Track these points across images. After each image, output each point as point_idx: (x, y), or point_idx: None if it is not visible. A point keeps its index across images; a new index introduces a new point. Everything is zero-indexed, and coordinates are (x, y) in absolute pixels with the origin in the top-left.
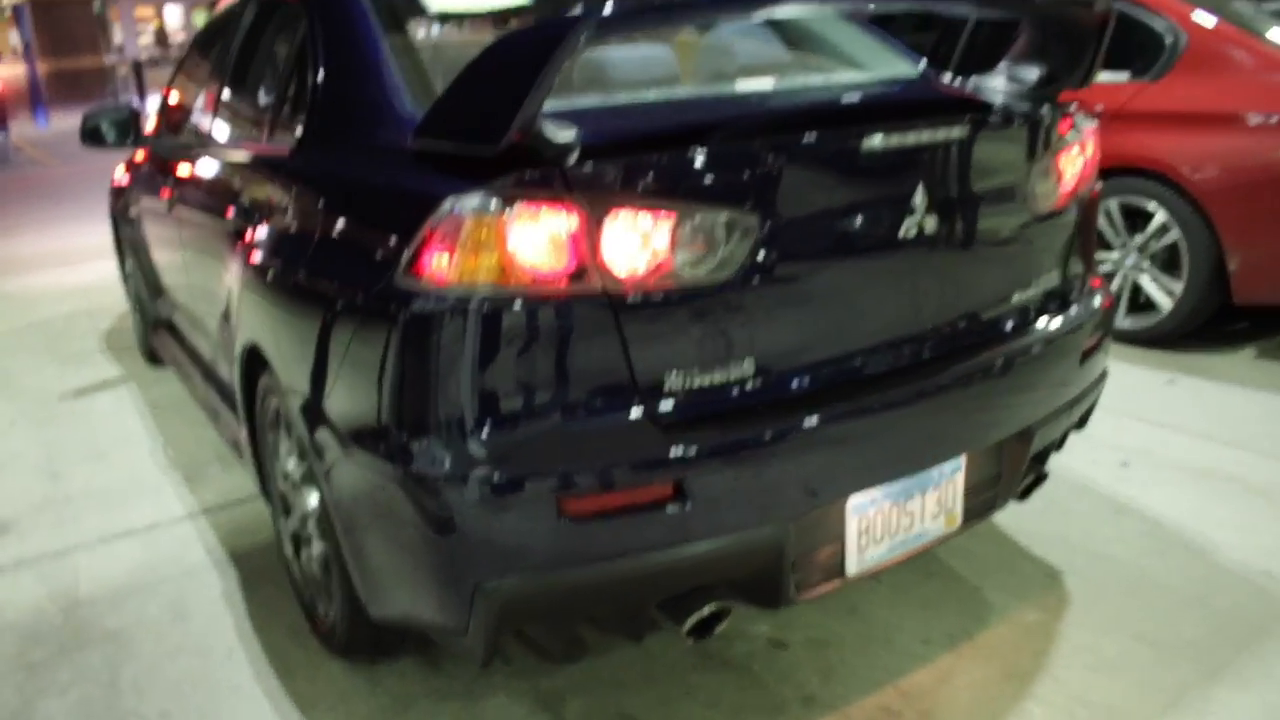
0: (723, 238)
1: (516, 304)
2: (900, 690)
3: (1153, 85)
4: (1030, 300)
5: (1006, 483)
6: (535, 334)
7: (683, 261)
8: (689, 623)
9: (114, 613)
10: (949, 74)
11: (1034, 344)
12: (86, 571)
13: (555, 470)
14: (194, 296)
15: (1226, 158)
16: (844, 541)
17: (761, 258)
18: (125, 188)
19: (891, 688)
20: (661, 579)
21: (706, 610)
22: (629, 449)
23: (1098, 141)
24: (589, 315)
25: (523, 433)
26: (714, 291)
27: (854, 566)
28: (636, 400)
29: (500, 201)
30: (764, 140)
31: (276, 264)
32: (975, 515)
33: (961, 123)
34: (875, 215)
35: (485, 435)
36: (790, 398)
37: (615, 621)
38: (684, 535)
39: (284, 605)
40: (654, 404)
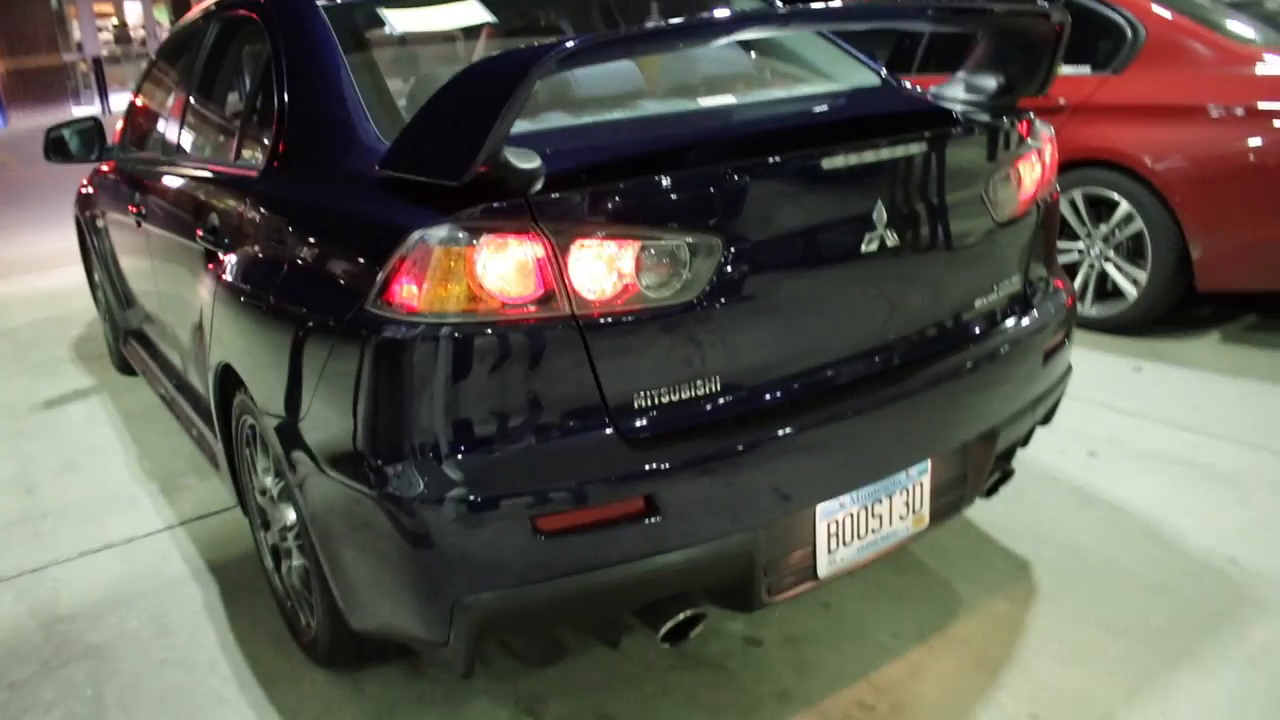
0: (687, 259)
1: (486, 330)
2: (873, 684)
3: (1114, 78)
4: (992, 305)
5: (973, 482)
6: (505, 358)
7: (648, 284)
8: (664, 628)
9: (95, 628)
10: (908, 82)
11: (996, 348)
12: (66, 587)
13: (529, 489)
14: (165, 310)
15: (1187, 149)
16: (814, 545)
17: (726, 277)
18: (92, 196)
19: (865, 682)
20: (636, 589)
21: (681, 616)
22: (600, 466)
23: (1055, 147)
24: (557, 339)
25: (496, 454)
26: (680, 311)
27: (825, 569)
28: (606, 419)
29: (467, 233)
30: (726, 164)
31: (248, 288)
32: (943, 515)
33: (921, 135)
34: (837, 231)
35: (459, 457)
36: (757, 411)
37: (592, 629)
38: (656, 546)
39: (265, 615)
40: (623, 422)
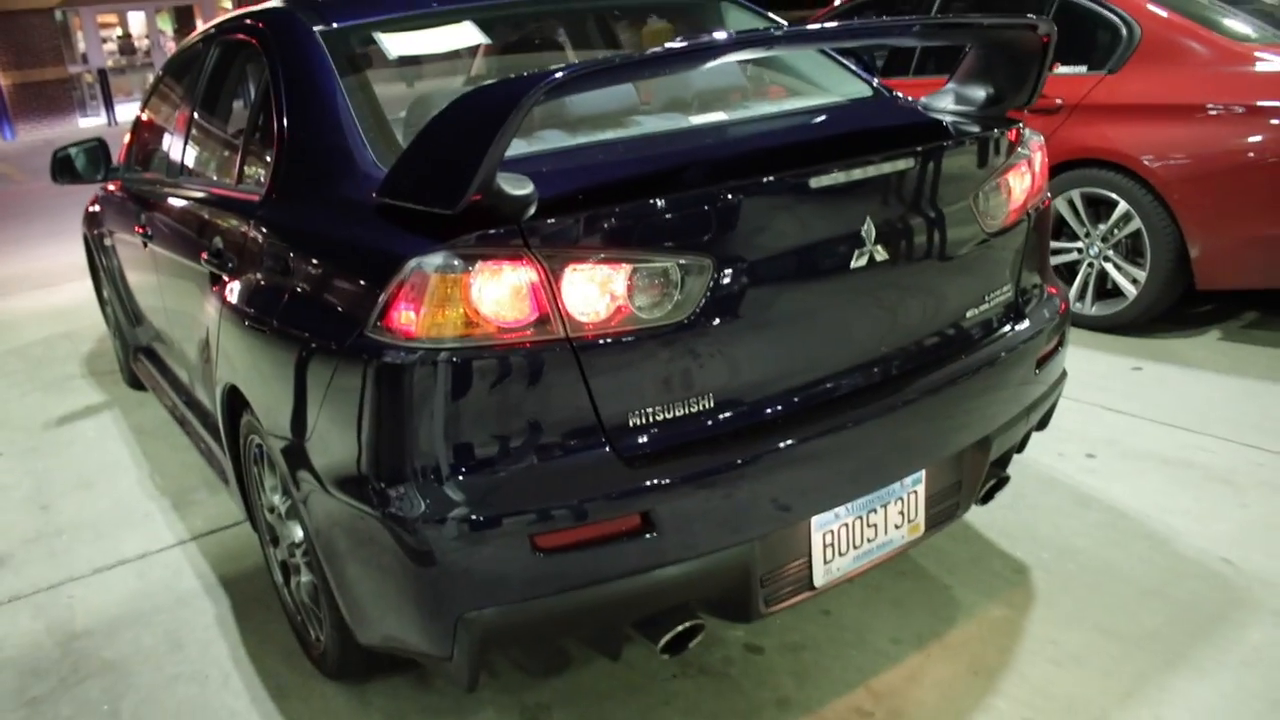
0: (679, 280)
1: (482, 354)
2: (872, 690)
3: (1110, 77)
4: (984, 315)
5: (967, 490)
6: (502, 381)
7: (641, 305)
8: (663, 640)
9: (111, 644)
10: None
11: (988, 358)
12: (82, 603)
13: (528, 508)
14: (173, 328)
15: (1184, 148)
16: (810, 555)
17: (717, 296)
18: (99, 214)
19: (863, 688)
20: (634, 602)
21: (679, 628)
22: (597, 485)
23: (1045, 155)
24: (552, 361)
25: (495, 474)
26: (672, 331)
27: (821, 578)
28: (602, 438)
29: (462, 260)
30: (716, 185)
31: (252, 312)
32: (939, 522)
33: (909, 150)
34: (827, 247)
35: (459, 478)
36: (752, 426)
37: (593, 641)
38: (653, 561)
39: (276, 629)
40: (619, 440)
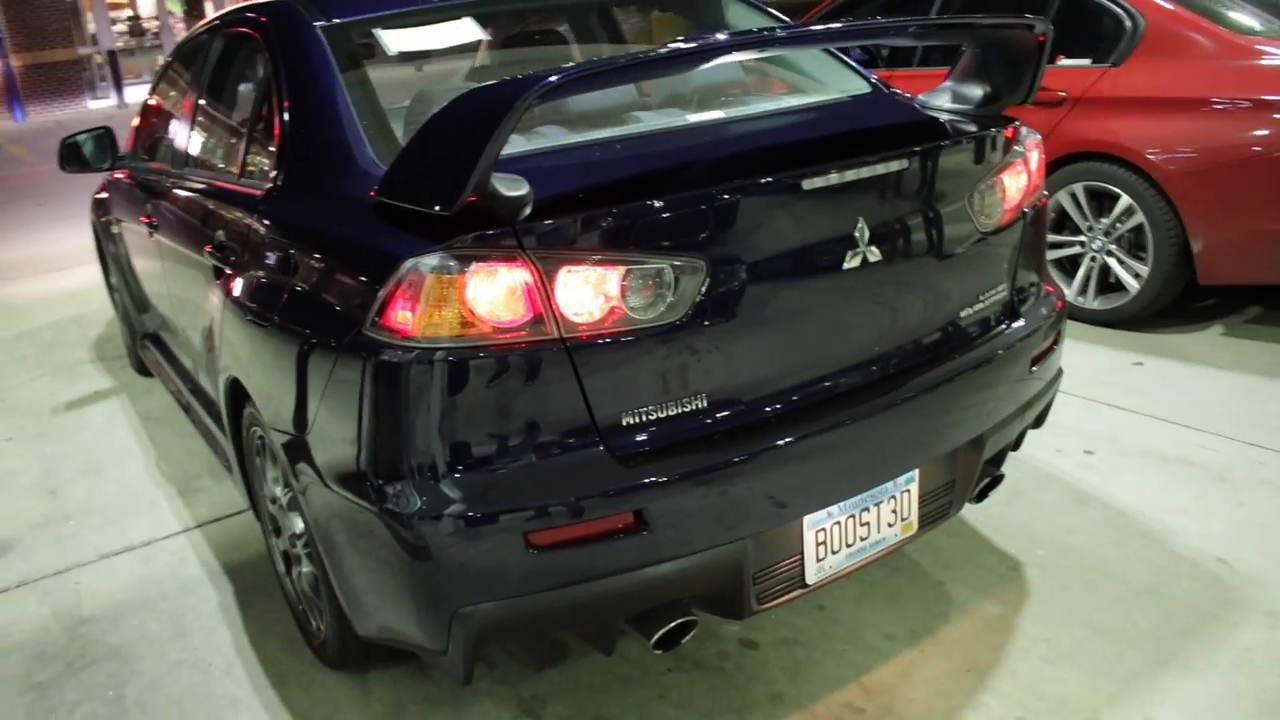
0: (672, 281)
1: (477, 354)
2: (864, 686)
3: (1113, 70)
4: (978, 314)
5: (961, 488)
6: (496, 380)
7: (634, 306)
8: (656, 635)
9: (116, 630)
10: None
11: (982, 357)
12: (88, 589)
13: (522, 506)
14: (178, 316)
15: (1187, 142)
16: (803, 553)
17: (711, 296)
18: (106, 202)
19: (856, 684)
20: (627, 599)
21: (672, 624)
22: (590, 483)
23: (1042, 153)
24: (547, 361)
25: (489, 472)
26: (666, 331)
27: (814, 576)
28: (595, 437)
29: (457, 261)
30: (710, 187)
31: (254, 307)
32: (931, 520)
33: (905, 150)
34: (821, 248)
35: (454, 475)
36: (745, 426)
37: (587, 636)
38: (645, 559)
39: (278, 618)
40: (613, 439)
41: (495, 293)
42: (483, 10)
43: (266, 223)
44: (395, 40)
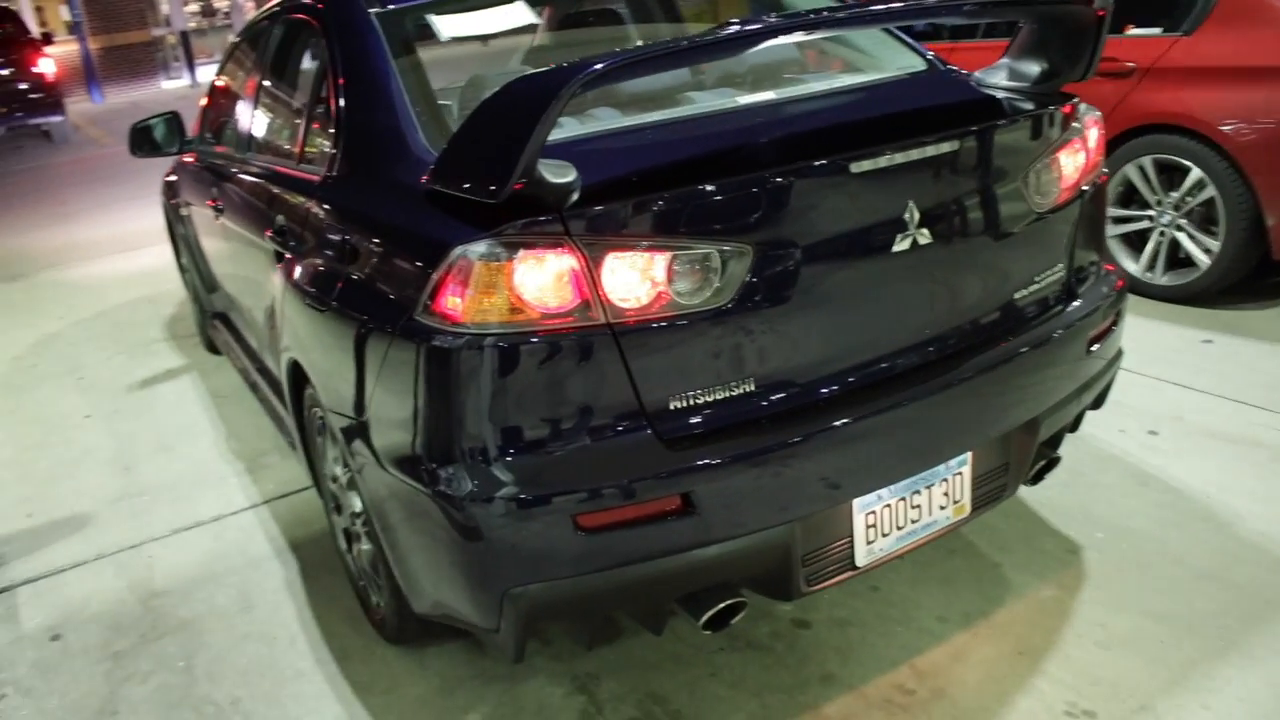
0: (719, 266)
1: (526, 340)
2: (915, 668)
3: (1185, 39)
4: (1033, 296)
5: (1015, 471)
6: (544, 366)
7: (680, 291)
8: (705, 616)
9: (186, 603)
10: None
11: (1036, 339)
12: (161, 562)
13: (570, 488)
14: (244, 297)
15: (1262, 113)
16: (852, 536)
17: (758, 280)
18: (175, 184)
19: (907, 666)
20: (674, 580)
21: (721, 605)
22: (637, 466)
23: (1102, 131)
24: (594, 346)
25: (538, 455)
26: (712, 316)
27: (864, 558)
28: (643, 420)
29: (505, 248)
30: (759, 172)
31: (312, 291)
32: (985, 503)
33: (959, 128)
34: (870, 231)
35: (504, 459)
36: (792, 410)
37: (637, 616)
38: (692, 541)
39: (341, 593)
40: (660, 423)
41: (543, 279)
42: None
43: (323, 208)
44: (449, 25)
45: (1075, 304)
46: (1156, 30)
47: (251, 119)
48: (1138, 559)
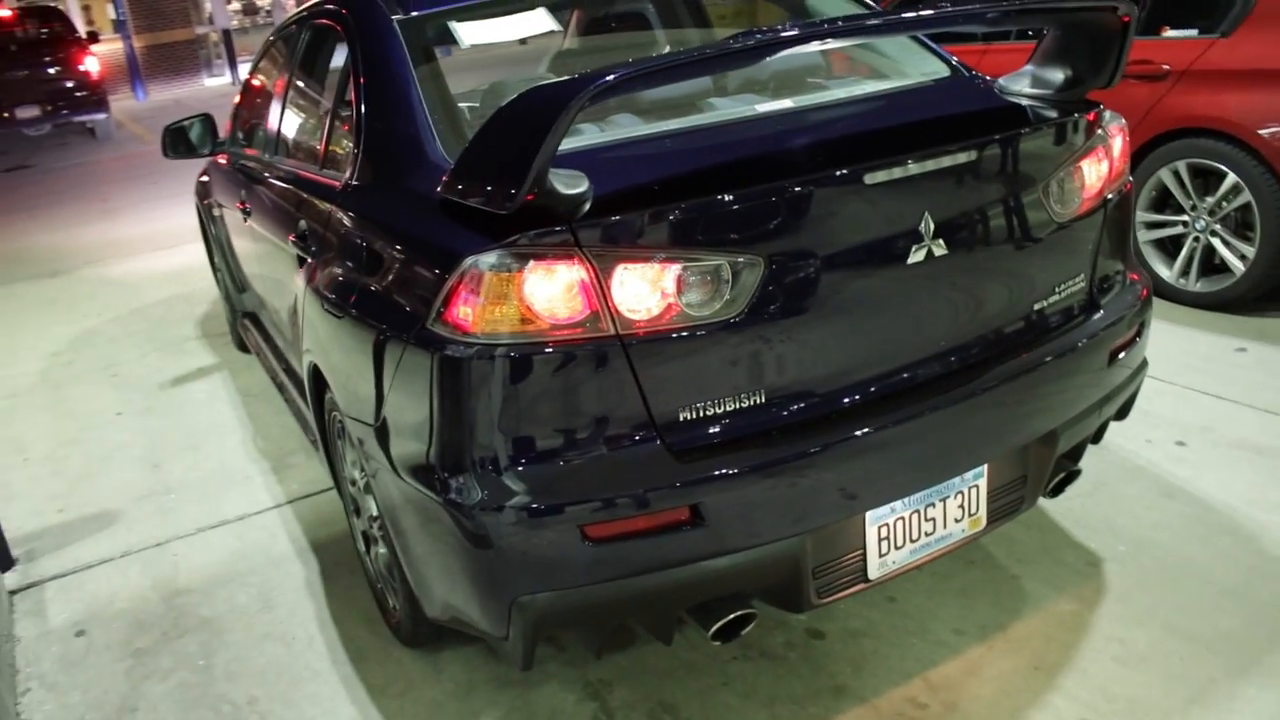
0: (729, 278)
1: (536, 350)
2: (929, 681)
3: (1222, 42)
4: (1053, 306)
5: (1033, 484)
6: (554, 375)
7: (690, 303)
8: (714, 627)
9: (208, 601)
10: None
11: (1056, 351)
12: (185, 561)
13: (579, 499)
14: (271, 298)
15: None
16: (865, 548)
17: (769, 293)
18: (208, 185)
19: (920, 679)
20: (683, 591)
21: (730, 616)
22: (646, 478)
23: (1126, 138)
24: (603, 357)
25: (547, 466)
26: (723, 328)
27: (876, 571)
28: (652, 432)
29: (515, 259)
30: (769, 184)
31: (330, 298)
32: (1002, 516)
33: (977, 137)
34: (884, 242)
35: (514, 468)
36: (801, 423)
37: (646, 626)
38: (701, 553)
39: (359, 594)
40: (669, 435)
41: (553, 290)
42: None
43: (343, 215)
44: (471, 33)
45: (1097, 314)
46: (1193, 32)
47: (279, 123)
48: (1160, 573)
